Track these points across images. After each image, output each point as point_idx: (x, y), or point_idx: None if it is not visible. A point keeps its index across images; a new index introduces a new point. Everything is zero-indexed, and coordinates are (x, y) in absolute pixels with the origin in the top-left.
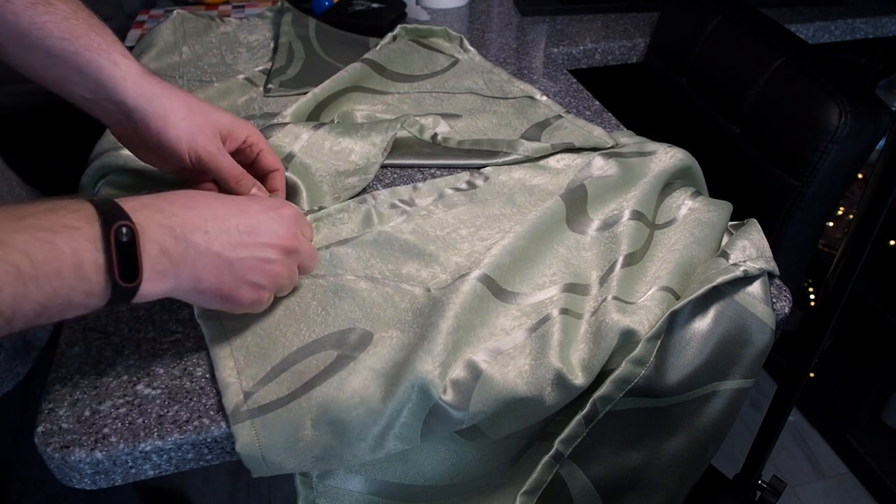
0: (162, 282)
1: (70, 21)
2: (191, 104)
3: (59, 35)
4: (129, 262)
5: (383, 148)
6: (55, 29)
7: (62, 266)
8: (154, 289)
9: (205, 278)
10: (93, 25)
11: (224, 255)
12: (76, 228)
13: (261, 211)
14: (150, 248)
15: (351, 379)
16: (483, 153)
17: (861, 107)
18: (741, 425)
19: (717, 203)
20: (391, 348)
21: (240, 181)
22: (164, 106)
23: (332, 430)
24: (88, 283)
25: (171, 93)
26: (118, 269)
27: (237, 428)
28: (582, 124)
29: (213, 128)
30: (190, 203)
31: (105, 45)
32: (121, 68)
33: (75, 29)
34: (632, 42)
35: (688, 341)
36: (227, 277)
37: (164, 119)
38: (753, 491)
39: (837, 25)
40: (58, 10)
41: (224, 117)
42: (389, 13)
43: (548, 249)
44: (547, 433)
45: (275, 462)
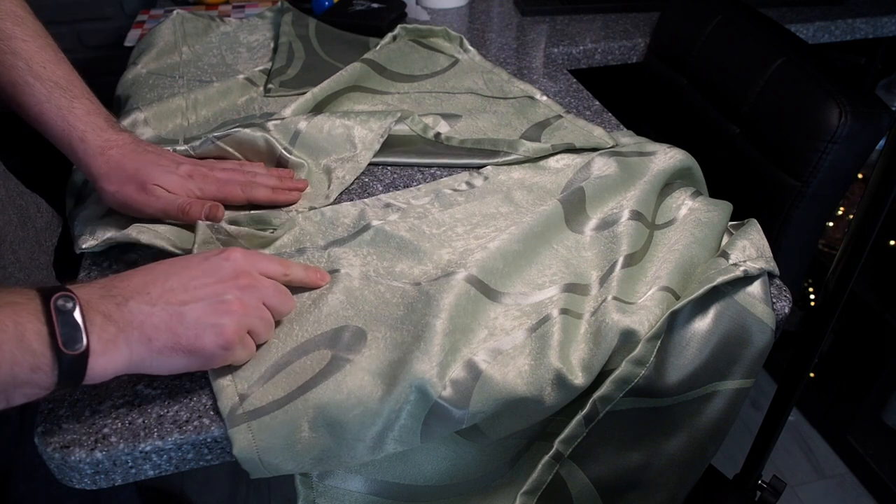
0: (114, 352)
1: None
2: (138, 169)
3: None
4: (73, 329)
5: (380, 134)
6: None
7: (3, 338)
8: (108, 362)
9: (156, 337)
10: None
11: (170, 308)
12: (17, 303)
13: (203, 260)
14: (94, 317)
15: (347, 380)
16: (485, 152)
17: (861, 107)
18: (741, 425)
19: (717, 203)
20: (385, 348)
21: (184, 211)
22: (105, 180)
23: (329, 431)
24: (32, 354)
25: (118, 163)
26: (61, 337)
27: (234, 432)
28: (582, 124)
29: (153, 186)
30: (128, 275)
31: (84, 115)
32: (78, 148)
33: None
34: (632, 42)
35: (688, 341)
36: (180, 329)
37: (104, 194)
38: (753, 491)
39: (837, 25)
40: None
41: (169, 180)
42: (389, 13)
43: (547, 249)
44: (547, 433)
45: (272, 464)
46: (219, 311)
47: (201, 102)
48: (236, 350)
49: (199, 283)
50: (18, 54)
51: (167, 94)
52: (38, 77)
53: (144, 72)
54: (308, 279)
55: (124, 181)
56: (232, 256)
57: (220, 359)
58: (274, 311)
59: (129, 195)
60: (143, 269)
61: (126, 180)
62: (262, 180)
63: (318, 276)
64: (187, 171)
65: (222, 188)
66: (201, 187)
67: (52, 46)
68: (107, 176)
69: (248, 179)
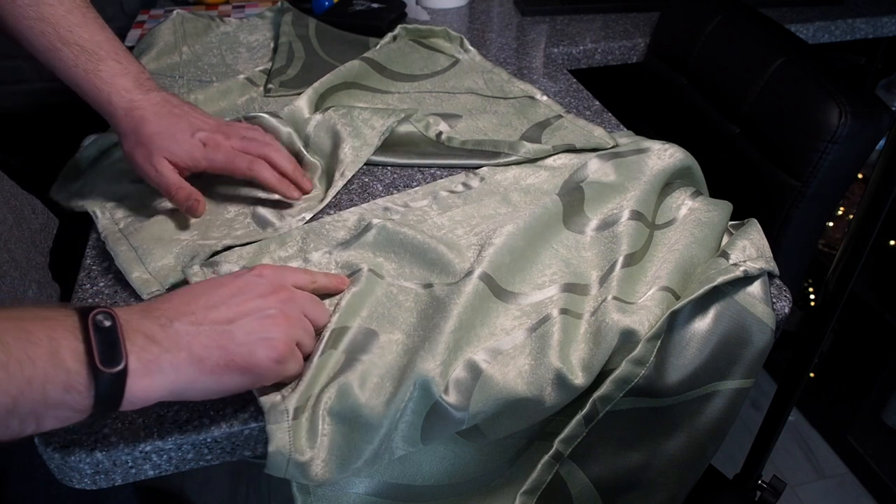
0: (157, 374)
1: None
2: (153, 134)
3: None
4: (111, 347)
5: (381, 132)
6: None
7: (36, 353)
8: (150, 385)
9: (207, 356)
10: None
11: (218, 327)
12: (51, 318)
13: (236, 278)
14: (135, 337)
15: (357, 383)
16: (486, 153)
17: (861, 107)
18: (741, 425)
19: (717, 203)
20: (396, 353)
21: (170, 196)
22: (129, 140)
23: (342, 435)
24: (66, 372)
25: (141, 125)
26: (98, 354)
27: (274, 428)
28: (582, 124)
29: (160, 156)
30: (167, 298)
31: (109, 77)
32: (107, 110)
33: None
34: (632, 42)
35: (688, 341)
36: (232, 347)
37: (125, 150)
38: (753, 491)
39: (837, 25)
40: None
41: (181, 150)
42: (389, 13)
43: (547, 249)
44: (547, 433)
45: (295, 472)
46: (266, 326)
47: (201, 102)
48: (288, 363)
49: (240, 299)
50: (46, 19)
51: None
52: (66, 42)
53: None
54: (332, 285)
55: (136, 144)
56: (264, 273)
57: (273, 374)
58: (313, 322)
59: (136, 161)
60: (180, 292)
61: (138, 143)
62: (275, 158)
63: (339, 280)
64: (203, 137)
65: (230, 160)
66: (209, 157)
67: (80, 8)
68: (125, 136)
69: (261, 153)
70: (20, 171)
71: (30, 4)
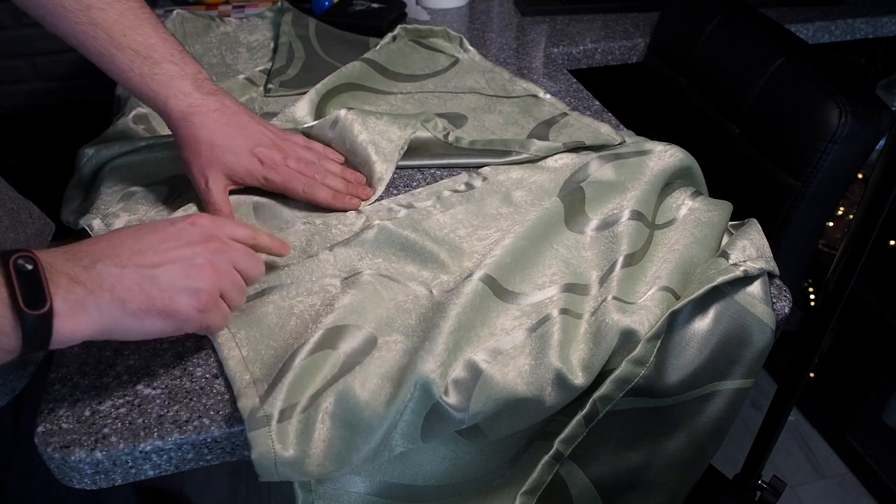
0: (83, 314)
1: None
2: (213, 147)
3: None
4: (35, 289)
5: (400, 146)
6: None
7: None
8: (75, 325)
9: (130, 298)
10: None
11: (142, 271)
12: None
13: (170, 224)
14: (59, 279)
15: (357, 385)
16: (496, 152)
17: (861, 107)
18: (741, 425)
19: (717, 203)
20: (396, 353)
21: (210, 212)
22: (185, 145)
23: (341, 437)
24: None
25: (198, 132)
26: (21, 297)
27: (254, 435)
28: (588, 121)
29: (218, 171)
30: (93, 240)
31: (166, 80)
32: (163, 113)
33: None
34: (632, 42)
35: (688, 341)
36: (154, 291)
37: (181, 153)
38: (753, 491)
39: (837, 25)
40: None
41: (238, 168)
42: (389, 13)
43: (547, 249)
44: (547, 433)
45: (286, 472)
46: (192, 275)
47: None
48: (212, 313)
49: (169, 245)
50: (98, 24)
51: None
52: (119, 47)
53: None
54: (273, 246)
55: (194, 154)
56: (199, 221)
57: (195, 323)
58: (245, 276)
59: (191, 170)
60: (109, 234)
61: (196, 154)
62: (330, 181)
63: (282, 245)
64: (261, 154)
65: (287, 181)
66: (267, 176)
67: (133, 10)
68: (183, 142)
69: (313, 177)
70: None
71: (80, 10)
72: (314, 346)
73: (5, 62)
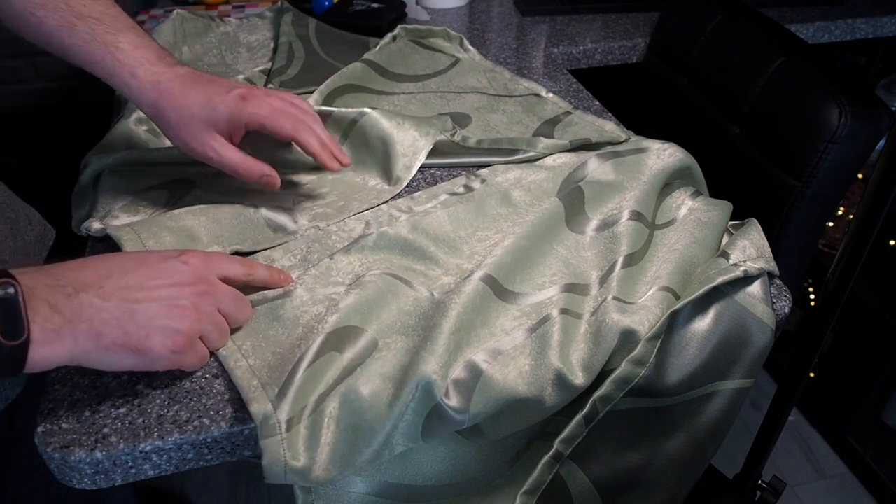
0: (57, 343)
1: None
2: (190, 106)
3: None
4: (13, 318)
5: (421, 151)
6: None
7: None
8: (49, 352)
9: (105, 332)
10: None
11: (124, 306)
12: None
13: (161, 261)
14: (38, 306)
15: (360, 386)
16: (502, 151)
17: (861, 107)
18: (741, 425)
19: (717, 203)
20: (397, 352)
21: (259, 177)
22: (164, 119)
23: (345, 440)
24: None
25: (171, 99)
26: (0, 328)
27: (268, 443)
28: (592, 119)
29: (209, 128)
30: (81, 265)
31: (131, 49)
32: (131, 84)
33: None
34: (632, 42)
35: (688, 341)
36: (131, 328)
37: (166, 132)
38: (753, 491)
39: (837, 25)
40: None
41: (221, 112)
42: (389, 13)
43: (548, 250)
44: (547, 433)
45: (294, 478)
46: (172, 315)
47: None
48: (186, 355)
49: (156, 283)
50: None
51: None
52: (80, 16)
53: None
54: (271, 279)
55: (178, 122)
56: (191, 261)
57: (166, 362)
58: (230, 319)
59: (187, 144)
60: (97, 260)
61: (179, 122)
62: (316, 126)
63: (281, 276)
64: (242, 93)
65: (274, 117)
66: (251, 111)
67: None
68: (159, 114)
69: (300, 117)
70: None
71: None
72: (319, 349)
73: (5, 62)
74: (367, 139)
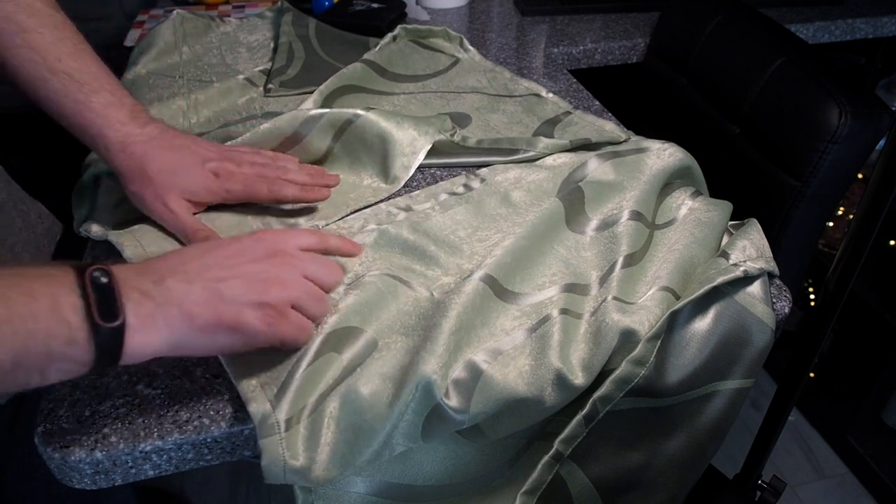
0: (152, 329)
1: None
2: (162, 168)
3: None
4: (109, 302)
5: (420, 150)
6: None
7: (38, 308)
8: (144, 338)
9: (198, 313)
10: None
11: (210, 286)
12: (51, 275)
13: (236, 241)
14: (130, 293)
15: (360, 386)
16: (503, 151)
17: (861, 107)
18: (741, 425)
19: (717, 203)
20: (397, 352)
21: (188, 239)
22: (127, 177)
23: (345, 440)
24: (68, 326)
25: (145, 159)
26: (97, 309)
27: (267, 442)
28: (592, 119)
29: (174, 195)
30: (162, 257)
31: (101, 108)
32: (98, 144)
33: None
34: (632, 42)
35: (688, 341)
36: (221, 307)
37: (126, 187)
38: (753, 491)
39: (837, 25)
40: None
41: (196, 186)
42: (389, 13)
43: (548, 250)
44: (547, 433)
45: (293, 478)
46: (257, 289)
47: (202, 103)
48: (281, 326)
49: (235, 261)
50: (33, 48)
51: (167, 95)
52: (54, 71)
53: (144, 72)
54: (345, 248)
55: (144, 184)
56: (264, 237)
57: (263, 336)
58: (319, 283)
59: (145, 202)
60: (177, 251)
61: (145, 183)
62: (292, 177)
63: (353, 246)
64: (214, 168)
65: (249, 187)
66: (227, 187)
67: (72, 38)
68: (127, 174)
69: (276, 176)
70: (20, 171)
71: (17, 32)
72: (318, 350)
73: None
74: (364, 138)
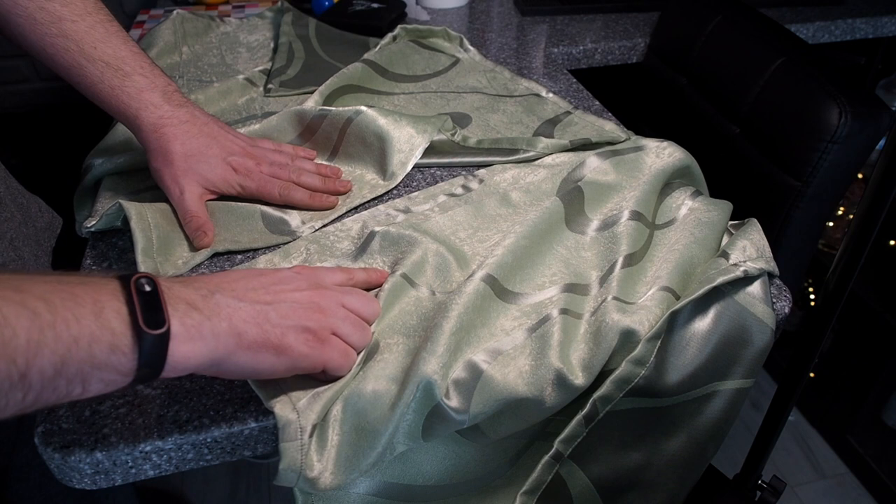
0: (199, 340)
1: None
2: (187, 153)
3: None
4: (154, 309)
5: (417, 148)
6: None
7: (82, 313)
8: (189, 350)
9: (245, 331)
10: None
11: (257, 306)
12: (95, 283)
13: (276, 271)
14: (176, 303)
15: (363, 388)
16: (503, 151)
17: (861, 107)
18: (741, 425)
19: (717, 203)
20: (398, 353)
21: (186, 223)
22: (154, 154)
23: (349, 443)
24: (111, 332)
25: (169, 143)
26: (142, 315)
27: (287, 447)
28: (592, 119)
29: (192, 179)
30: (207, 276)
31: (136, 92)
32: (133, 126)
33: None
34: (632, 42)
35: (688, 341)
36: (267, 326)
37: (150, 163)
38: (753, 491)
39: (837, 25)
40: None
41: (214, 176)
42: (389, 13)
43: (548, 250)
44: (547, 433)
45: (306, 485)
46: (299, 315)
47: (202, 102)
48: (325, 351)
49: (280, 287)
50: (68, 36)
51: None
52: (90, 58)
53: None
54: (371, 280)
55: (166, 163)
56: (302, 272)
57: (307, 361)
58: (358, 314)
59: (163, 179)
60: (220, 273)
61: (167, 163)
62: (306, 179)
63: (377, 275)
64: (235, 162)
65: (262, 186)
66: (242, 184)
67: (103, 23)
68: (153, 153)
69: (290, 179)
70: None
71: (52, 21)
72: None
73: (5, 62)
74: (363, 136)
